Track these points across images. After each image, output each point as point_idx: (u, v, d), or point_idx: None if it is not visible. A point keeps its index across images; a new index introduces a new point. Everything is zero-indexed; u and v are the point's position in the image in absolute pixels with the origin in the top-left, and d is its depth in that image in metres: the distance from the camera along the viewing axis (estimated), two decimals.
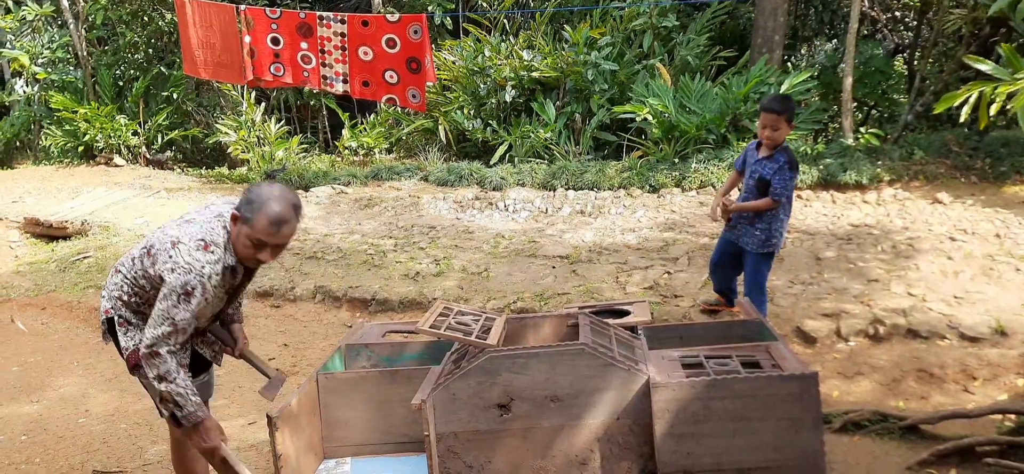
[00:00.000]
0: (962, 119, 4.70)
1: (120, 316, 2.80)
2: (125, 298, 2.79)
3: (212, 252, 2.60)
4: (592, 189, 8.32)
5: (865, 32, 10.91)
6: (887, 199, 7.26)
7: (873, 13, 10.70)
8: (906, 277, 5.36)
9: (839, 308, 4.94)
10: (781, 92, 8.62)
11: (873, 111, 11.03)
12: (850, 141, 8.43)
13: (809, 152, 8.10)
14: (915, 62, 10.40)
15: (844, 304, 5.00)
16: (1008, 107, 4.53)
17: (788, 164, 4.39)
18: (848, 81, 8.59)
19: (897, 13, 11.81)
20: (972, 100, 4.45)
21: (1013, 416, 3.52)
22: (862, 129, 9.42)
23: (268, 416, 2.89)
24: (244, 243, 2.65)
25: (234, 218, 2.66)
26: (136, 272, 2.74)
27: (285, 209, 2.61)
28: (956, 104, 4.44)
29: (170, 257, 2.57)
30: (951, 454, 3.24)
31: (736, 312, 4.95)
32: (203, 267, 2.56)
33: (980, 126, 4.66)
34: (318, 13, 8.41)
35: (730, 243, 4.72)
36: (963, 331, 4.50)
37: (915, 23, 11.00)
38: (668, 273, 5.82)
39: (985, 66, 4.44)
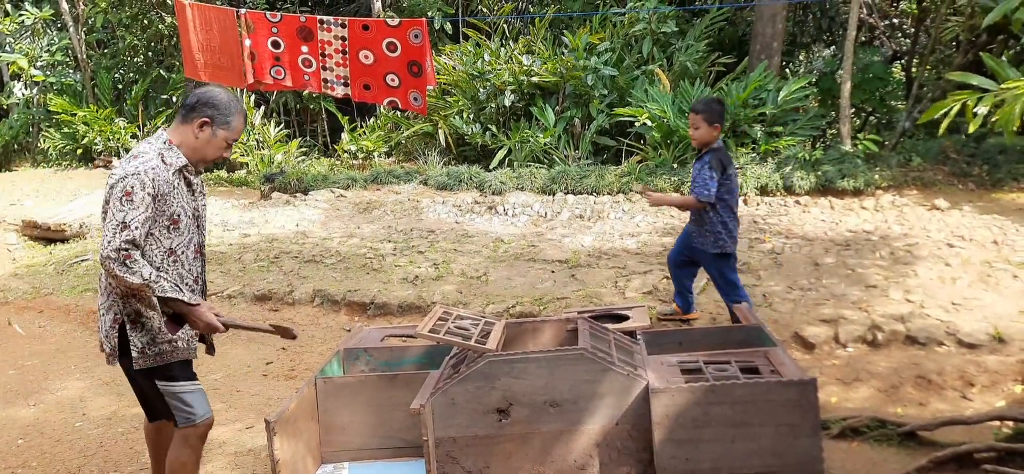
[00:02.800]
0: (940, 132, 4.73)
1: (127, 316, 2.76)
2: (120, 291, 2.75)
3: (140, 158, 2.71)
4: (591, 194, 8.33)
5: (863, 39, 10.94)
6: (885, 205, 7.27)
7: (871, 20, 10.73)
8: (904, 283, 5.37)
9: (838, 314, 4.95)
10: (781, 98, 8.64)
11: (871, 117, 11.06)
12: (848, 147, 8.44)
13: (807, 158, 8.12)
14: (913, 69, 10.43)
15: (843, 310, 5.00)
16: (993, 118, 4.55)
17: (709, 164, 4.45)
18: (846, 87, 8.61)
19: (895, 20, 11.85)
20: (954, 112, 4.47)
21: (1011, 423, 3.52)
22: (860, 135, 9.44)
23: (266, 421, 2.88)
24: (219, 146, 2.85)
25: (203, 125, 2.79)
26: None
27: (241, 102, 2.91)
28: (937, 115, 4.46)
29: (108, 183, 2.70)
30: (949, 461, 3.24)
31: (695, 318, 4.99)
32: (136, 167, 2.66)
33: (969, 129, 4.68)
34: (318, 17, 8.42)
35: (686, 245, 4.80)
36: (961, 338, 4.50)
37: (913, 30, 11.03)
38: (667, 278, 5.82)
39: (973, 81, 4.46)
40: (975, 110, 4.34)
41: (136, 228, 2.62)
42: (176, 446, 2.90)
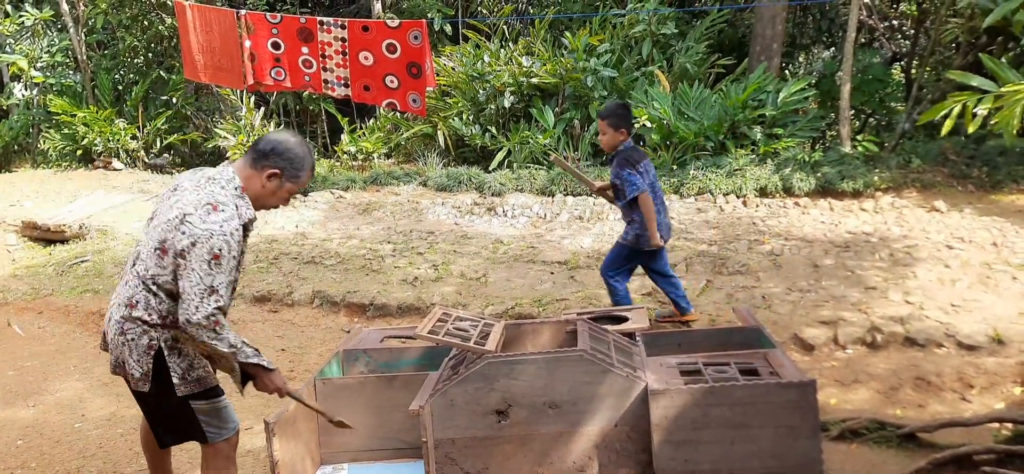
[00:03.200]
0: (942, 134, 4.74)
1: (164, 342, 2.66)
2: (161, 319, 2.64)
3: (222, 211, 2.56)
4: (591, 195, 8.33)
5: (863, 40, 10.94)
6: (884, 207, 7.27)
7: (871, 22, 10.73)
8: (904, 285, 5.37)
9: (837, 316, 4.95)
10: (780, 100, 8.64)
11: (870, 119, 11.06)
12: (848, 149, 8.45)
13: (807, 160, 8.12)
14: (912, 71, 10.43)
15: (842, 312, 5.00)
16: (993, 121, 4.56)
17: (619, 163, 4.61)
18: (846, 89, 8.62)
19: (895, 22, 11.85)
20: (955, 113, 4.49)
21: (1010, 425, 3.52)
22: (859, 137, 9.44)
23: (265, 422, 2.89)
24: (282, 197, 2.77)
25: (273, 175, 2.69)
26: (165, 278, 2.59)
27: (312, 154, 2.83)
28: (938, 117, 4.48)
29: (184, 233, 2.51)
30: (948, 462, 3.24)
31: (693, 318, 4.99)
32: (221, 226, 2.53)
33: (968, 130, 4.70)
34: (319, 18, 8.43)
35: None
36: (960, 339, 4.50)
37: (912, 32, 11.04)
38: None
39: (973, 81, 4.48)
40: (975, 111, 4.36)
41: (223, 293, 2.54)
42: (214, 464, 2.80)
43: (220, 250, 2.51)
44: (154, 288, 2.62)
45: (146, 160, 12.44)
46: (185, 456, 3.78)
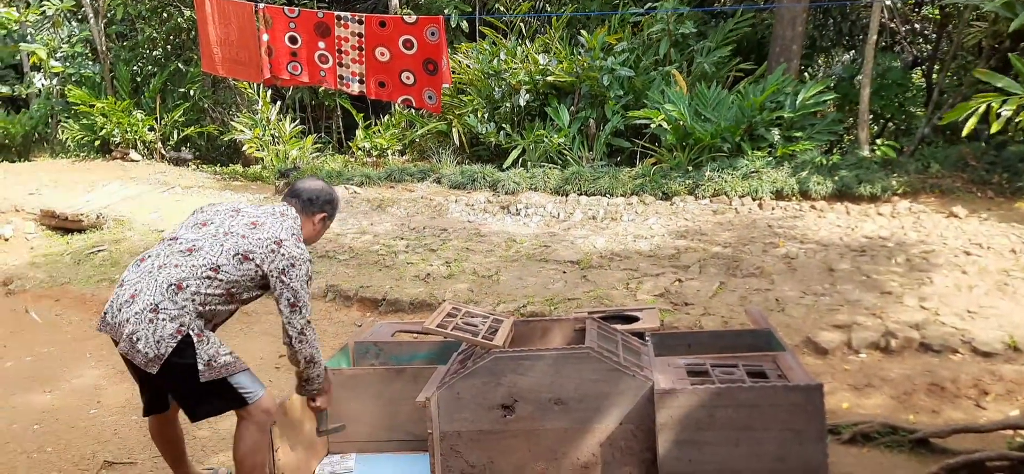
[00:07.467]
0: (964, 133, 4.66)
1: (193, 330, 2.73)
2: (201, 308, 2.77)
3: (303, 244, 2.93)
4: (605, 195, 8.30)
5: (883, 44, 10.82)
6: (902, 212, 7.19)
7: (892, 25, 10.62)
8: (920, 291, 5.31)
9: (852, 320, 4.90)
10: (799, 102, 8.57)
11: (889, 123, 10.95)
12: (866, 153, 8.37)
13: (824, 163, 8.05)
14: (933, 75, 10.31)
15: (857, 316, 4.96)
16: (1018, 119, 4.49)
17: None
18: (865, 93, 8.53)
19: (916, 26, 11.72)
20: (979, 113, 4.43)
21: None
22: (878, 141, 9.35)
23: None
24: (322, 234, 3.16)
25: (323, 219, 3.10)
26: (234, 278, 2.80)
27: None
28: (962, 117, 4.42)
29: (282, 255, 2.82)
30: (961, 468, 3.21)
31: None
32: (308, 255, 2.90)
33: (991, 131, 4.64)
34: (336, 13, 8.46)
35: None
36: (976, 346, 4.44)
37: (934, 36, 10.91)
38: (679, 281, 5.79)
39: (999, 82, 4.41)
40: (999, 112, 4.29)
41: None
42: (244, 429, 2.82)
43: (310, 274, 2.88)
44: (217, 279, 2.79)
45: (163, 152, 12.56)
46: (197, 445, 3.81)
